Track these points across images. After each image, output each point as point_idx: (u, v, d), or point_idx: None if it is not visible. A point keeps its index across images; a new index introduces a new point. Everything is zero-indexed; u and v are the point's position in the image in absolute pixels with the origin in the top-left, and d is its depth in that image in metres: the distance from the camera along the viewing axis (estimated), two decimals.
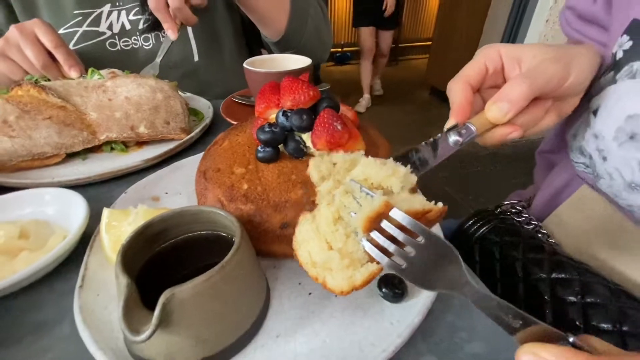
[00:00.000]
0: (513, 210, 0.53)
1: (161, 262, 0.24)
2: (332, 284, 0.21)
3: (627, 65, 0.32)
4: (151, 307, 0.19)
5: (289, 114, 0.33)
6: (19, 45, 0.50)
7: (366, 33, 2.77)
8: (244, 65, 0.53)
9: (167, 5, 0.52)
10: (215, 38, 0.74)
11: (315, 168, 0.25)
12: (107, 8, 0.66)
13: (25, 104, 0.42)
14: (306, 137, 0.33)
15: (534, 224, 0.49)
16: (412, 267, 0.20)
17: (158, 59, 0.60)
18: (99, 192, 0.41)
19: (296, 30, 0.68)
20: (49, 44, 0.51)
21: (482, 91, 0.33)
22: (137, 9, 0.67)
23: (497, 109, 0.27)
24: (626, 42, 0.33)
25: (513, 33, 2.27)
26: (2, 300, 0.28)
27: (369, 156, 0.26)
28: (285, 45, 0.71)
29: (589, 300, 0.37)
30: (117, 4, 0.66)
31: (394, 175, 0.23)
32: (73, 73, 0.52)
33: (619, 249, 0.40)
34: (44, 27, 0.51)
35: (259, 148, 0.33)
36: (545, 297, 0.40)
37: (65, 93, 0.45)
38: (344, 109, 0.37)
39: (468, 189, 1.99)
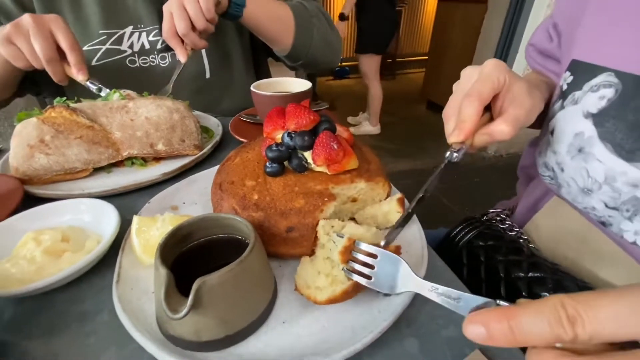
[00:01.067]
0: (498, 218, 0.58)
1: (188, 259, 0.29)
2: (321, 298, 0.28)
3: (571, 94, 0.38)
4: (183, 293, 0.24)
5: (293, 135, 0.38)
6: (29, 34, 0.52)
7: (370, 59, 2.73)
8: (252, 88, 0.59)
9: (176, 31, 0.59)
10: (226, 58, 0.81)
11: (322, 229, 0.33)
12: (129, 29, 0.73)
13: (59, 124, 0.48)
14: (307, 155, 0.38)
15: (516, 230, 0.54)
16: (378, 279, 0.27)
17: (171, 81, 0.66)
18: (123, 202, 0.47)
19: (303, 43, 0.74)
20: (65, 43, 0.54)
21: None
22: (156, 31, 0.74)
23: (482, 139, 0.34)
24: (569, 77, 0.39)
25: (505, 50, 2.36)
26: (50, 293, 0.33)
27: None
28: (295, 57, 0.77)
29: None
30: (139, 26, 0.74)
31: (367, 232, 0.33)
32: (80, 76, 0.57)
33: (585, 250, 0.45)
34: (63, 26, 0.54)
35: (267, 164, 0.38)
36: (524, 294, 0.45)
37: (92, 114, 0.50)
38: (340, 129, 0.43)
39: (465, 199, 2.05)
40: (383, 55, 2.75)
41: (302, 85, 0.63)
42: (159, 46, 0.75)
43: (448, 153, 0.34)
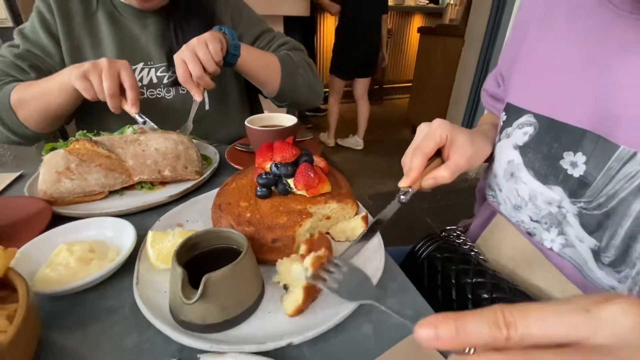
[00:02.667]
0: (454, 233, 0.67)
1: (196, 262, 0.38)
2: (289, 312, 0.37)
3: (505, 130, 0.49)
4: (193, 287, 0.33)
5: (279, 166, 0.48)
6: (101, 74, 0.64)
7: (339, 84, 3.03)
8: (246, 123, 0.69)
9: (192, 76, 0.69)
10: (224, 94, 0.92)
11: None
12: (140, 65, 0.84)
13: (83, 154, 0.57)
14: (290, 181, 0.48)
15: (469, 245, 0.64)
16: (341, 287, 0.31)
17: (190, 117, 0.76)
18: (134, 219, 0.54)
19: (289, 88, 0.86)
20: (127, 84, 0.66)
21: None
22: (163, 68, 0.85)
23: (428, 182, 0.43)
24: (504, 116, 0.50)
25: (480, 80, 2.56)
26: (81, 293, 0.41)
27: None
28: (281, 99, 0.89)
29: (495, 296, 0.51)
30: (149, 63, 0.85)
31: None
32: (133, 110, 0.68)
33: (520, 260, 0.54)
34: (128, 70, 0.66)
35: (258, 189, 0.48)
36: (469, 296, 0.53)
37: (110, 146, 0.60)
38: (317, 159, 0.53)
39: (446, 218, 2.16)
40: (371, 80, 3.05)
41: (289, 120, 0.73)
42: (165, 81, 0.86)
43: (397, 195, 0.42)
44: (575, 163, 0.38)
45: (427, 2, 5.02)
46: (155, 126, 0.72)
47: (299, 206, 0.46)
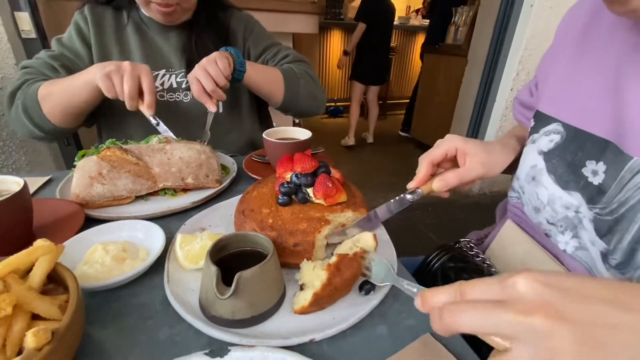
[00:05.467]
0: (468, 245, 0.70)
1: (226, 262, 0.41)
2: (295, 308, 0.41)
3: (531, 136, 0.53)
4: (225, 283, 0.36)
5: (299, 176, 0.52)
6: (124, 76, 0.69)
7: (358, 87, 3.51)
8: (264, 135, 0.74)
9: (205, 91, 0.75)
10: (236, 100, 1.00)
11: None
12: (162, 72, 0.92)
13: (114, 161, 0.61)
14: (309, 190, 0.51)
15: (481, 257, 0.66)
16: (374, 274, 0.40)
17: (207, 126, 0.83)
18: (159, 223, 0.58)
19: (291, 100, 0.93)
20: (146, 87, 0.71)
21: (440, 165, 0.52)
22: (182, 73, 0.93)
23: (438, 184, 0.47)
24: (532, 123, 0.54)
25: (483, 99, 2.62)
26: (115, 289, 0.44)
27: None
28: (285, 110, 0.97)
29: None
30: (170, 70, 0.93)
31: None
32: (148, 112, 0.73)
33: (532, 263, 0.56)
34: (149, 75, 0.72)
35: (279, 197, 0.51)
36: None
37: (138, 154, 0.64)
38: (333, 171, 0.57)
39: (449, 233, 2.17)
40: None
41: (304, 134, 0.77)
42: (183, 86, 0.93)
43: (403, 194, 0.47)
44: (596, 171, 0.40)
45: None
46: (169, 130, 0.78)
47: (317, 214, 0.50)
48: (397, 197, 0.48)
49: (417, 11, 4.97)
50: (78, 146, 1.82)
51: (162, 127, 0.77)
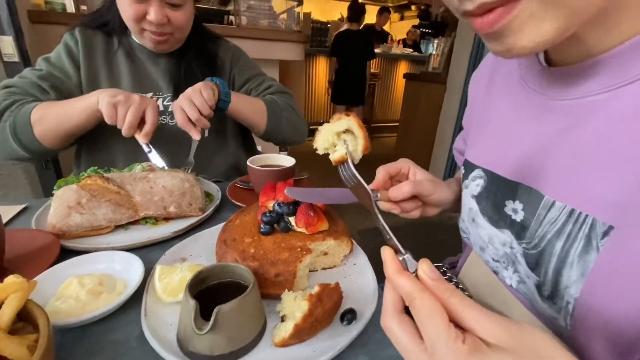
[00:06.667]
0: (441, 270, 0.72)
1: (206, 295, 0.41)
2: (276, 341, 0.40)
3: (464, 182, 0.55)
4: (204, 317, 0.36)
5: (281, 205, 0.53)
6: (129, 107, 0.71)
7: (340, 109, 3.85)
8: (248, 163, 0.75)
9: (189, 120, 0.76)
10: (221, 126, 1.01)
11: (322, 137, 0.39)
12: (150, 95, 0.93)
13: (94, 190, 0.60)
14: (292, 219, 0.52)
15: (455, 281, 0.67)
16: (353, 188, 0.37)
17: (191, 154, 0.84)
18: (138, 254, 0.57)
19: (274, 129, 0.96)
20: (150, 118, 0.74)
21: (393, 180, 0.55)
22: (170, 97, 0.94)
23: (394, 192, 0.49)
24: (462, 170, 0.57)
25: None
26: (89, 325, 0.42)
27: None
28: (267, 139, 1.00)
29: None
30: (158, 93, 0.94)
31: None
32: (143, 140, 0.75)
33: (490, 293, 0.58)
34: (154, 109, 0.75)
35: (262, 226, 0.52)
36: None
37: (120, 182, 0.63)
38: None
39: (431, 255, 2.19)
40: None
41: (288, 161, 0.79)
42: (170, 109, 0.94)
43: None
44: (516, 210, 0.43)
45: (412, 50, 5.42)
46: (160, 159, 0.78)
47: (299, 243, 0.50)
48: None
49: (399, 41, 5.22)
50: (57, 170, 1.78)
51: (154, 155, 0.78)
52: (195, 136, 0.78)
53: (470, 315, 0.24)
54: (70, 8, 1.89)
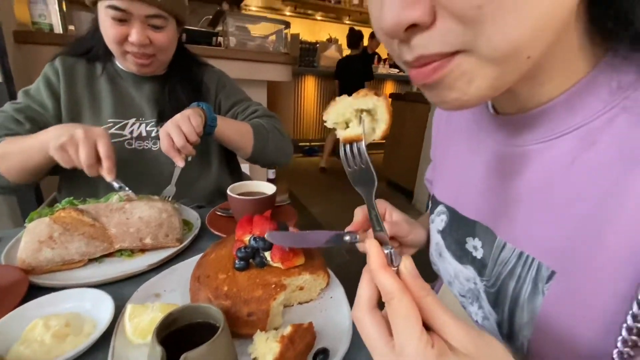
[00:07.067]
0: None
1: (175, 338, 0.40)
2: None
3: (430, 216, 0.57)
4: None
5: (257, 239, 0.53)
6: (79, 145, 0.67)
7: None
8: (228, 191, 0.75)
9: (174, 146, 0.76)
10: (205, 149, 1.01)
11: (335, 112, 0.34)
12: (132, 120, 0.93)
13: (67, 223, 0.59)
14: (267, 254, 0.52)
15: None
16: (354, 172, 0.33)
17: (173, 181, 0.83)
18: (112, 288, 0.56)
19: (260, 152, 0.97)
20: (103, 153, 0.69)
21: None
22: (153, 123, 0.94)
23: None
24: (430, 205, 0.58)
25: None
26: None
27: None
28: (254, 161, 1.00)
29: None
30: (141, 119, 0.94)
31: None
32: (109, 177, 0.71)
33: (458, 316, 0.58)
34: (105, 139, 0.70)
35: (236, 261, 0.51)
36: None
37: (95, 214, 0.62)
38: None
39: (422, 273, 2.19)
40: None
41: (268, 188, 0.79)
42: (153, 134, 0.94)
43: (343, 232, 0.46)
44: (476, 247, 0.44)
45: (398, 71, 5.57)
46: (131, 191, 0.75)
47: (274, 278, 0.50)
48: (336, 232, 0.48)
49: (384, 60, 5.38)
50: (38, 197, 1.73)
51: (124, 190, 0.76)
52: (179, 163, 0.78)
53: (441, 318, 0.26)
54: (58, 29, 1.90)
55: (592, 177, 0.31)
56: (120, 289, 0.56)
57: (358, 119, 0.33)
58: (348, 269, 0.40)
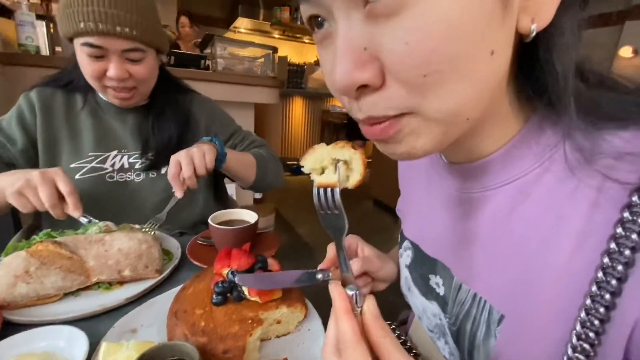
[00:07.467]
0: (391, 327, 0.73)
1: None
2: None
3: (399, 251, 0.58)
4: None
5: (235, 273, 0.54)
6: (37, 189, 0.65)
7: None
8: (209, 221, 0.76)
9: (180, 174, 0.77)
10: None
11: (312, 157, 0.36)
12: (114, 152, 0.92)
13: (45, 257, 0.59)
14: (245, 288, 0.53)
15: (402, 338, 0.68)
16: (326, 216, 0.36)
17: (166, 210, 0.83)
18: (88, 324, 0.55)
19: (261, 181, 1.00)
20: (64, 190, 0.67)
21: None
22: (137, 155, 0.94)
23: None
24: (399, 239, 0.60)
25: None
26: None
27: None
28: (252, 189, 1.03)
29: None
30: (123, 151, 0.93)
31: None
32: (76, 213, 0.70)
33: (429, 356, 0.59)
34: (63, 177, 0.68)
35: (214, 296, 0.52)
36: None
37: (74, 247, 0.62)
38: (271, 262, 0.60)
39: (397, 304, 2.19)
40: None
41: (250, 217, 0.81)
42: (137, 166, 0.93)
43: (315, 271, 0.46)
44: (438, 284, 0.46)
45: None
46: (112, 223, 0.74)
47: (251, 313, 0.51)
48: (308, 271, 0.49)
49: None
50: (16, 223, 1.68)
51: (93, 223, 0.73)
52: (178, 194, 0.78)
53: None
54: (45, 51, 1.91)
55: (529, 227, 0.34)
56: (96, 324, 0.56)
57: (334, 166, 0.36)
58: (326, 296, 0.41)
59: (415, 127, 0.30)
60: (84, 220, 0.72)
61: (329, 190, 0.35)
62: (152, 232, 0.74)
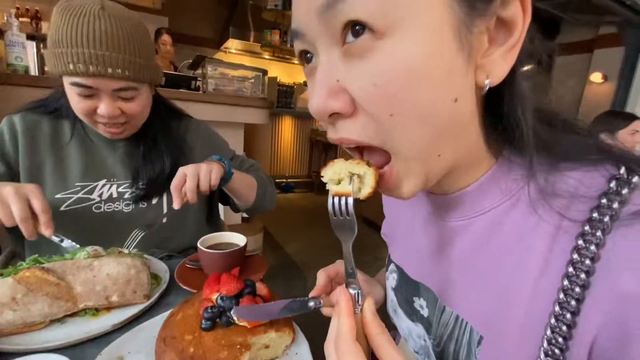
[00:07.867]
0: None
1: None
2: None
3: (386, 274, 0.61)
4: None
5: (224, 298, 0.55)
6: (8, 202, 0.63)
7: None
8: (198, 245, 0.77)
9: (183, 186, 0.77)
10: (185, 206, 0.95)
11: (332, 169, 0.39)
12: (102, 182, 0.90)
13: (31, 283, 0.59)
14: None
15: None
16: (339, 221, 0.38)
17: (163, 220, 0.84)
18: (74, 352, 0.55)
19: (259, 203, 1.03)
20: (37, 207, 0.66)
21: (333, 283, 0.59)
22: (127, 184, 0.92)
23: (335, 297, 0.53)
24: (387, 261, 0.63)
25: None
26: None
27: None
28: (249, 210, 1.05)
29: None
30: (112, 180, 0.91)
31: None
32: (47, 232, 0.68)
33: None
34: (37, 193, 0.66)
35: (203, 321, 0.53)
36: None
37: (61, 272, 0.63)
38: (261, 286, 0.61)
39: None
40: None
41: (239, 240, 0.82)
42: (126, 196, 0.91)
43: (307, 299, 0.47)
44: (422, 306, 0.48)
45: None
46: (75, 244, 0.74)
47: (239, 338, 0.52)
48: (300, 299, 0.50)
49: None
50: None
51: (67, 243, 0.73)
52: (176, 205, 0.77)
53: (391, 354, 0.32)
54: (34, 71, 1.91)
55: (503, 254, 0.37)
56: (82, 352, 0.55)
57: (349, 179, 0.39)
58: (314, 319, 0.43)
59: (402, 170, 0.34)
60: (55, 239, 0.71)
61: (343, 198, 0.38)
62: (135, 250, 0.74)
